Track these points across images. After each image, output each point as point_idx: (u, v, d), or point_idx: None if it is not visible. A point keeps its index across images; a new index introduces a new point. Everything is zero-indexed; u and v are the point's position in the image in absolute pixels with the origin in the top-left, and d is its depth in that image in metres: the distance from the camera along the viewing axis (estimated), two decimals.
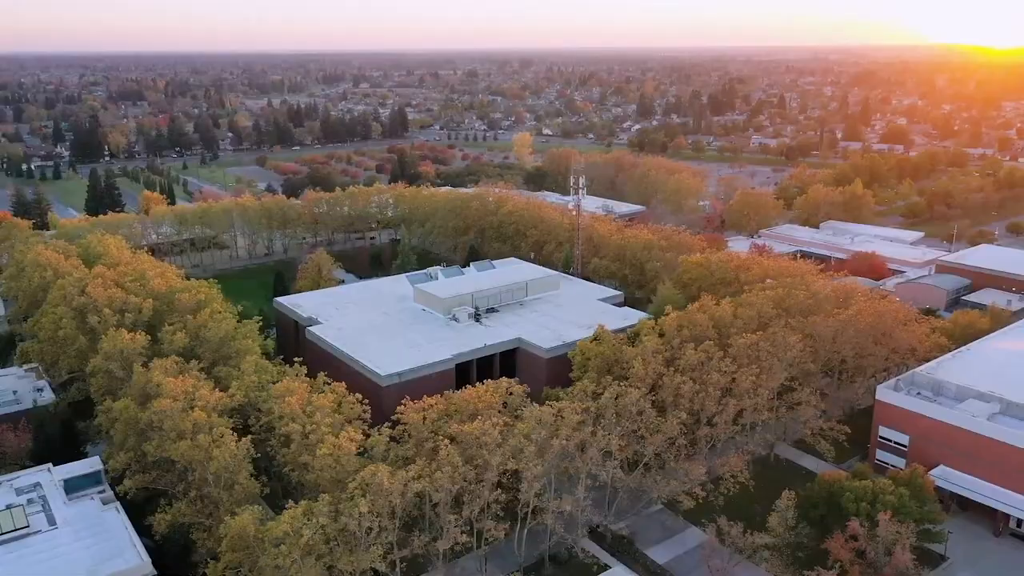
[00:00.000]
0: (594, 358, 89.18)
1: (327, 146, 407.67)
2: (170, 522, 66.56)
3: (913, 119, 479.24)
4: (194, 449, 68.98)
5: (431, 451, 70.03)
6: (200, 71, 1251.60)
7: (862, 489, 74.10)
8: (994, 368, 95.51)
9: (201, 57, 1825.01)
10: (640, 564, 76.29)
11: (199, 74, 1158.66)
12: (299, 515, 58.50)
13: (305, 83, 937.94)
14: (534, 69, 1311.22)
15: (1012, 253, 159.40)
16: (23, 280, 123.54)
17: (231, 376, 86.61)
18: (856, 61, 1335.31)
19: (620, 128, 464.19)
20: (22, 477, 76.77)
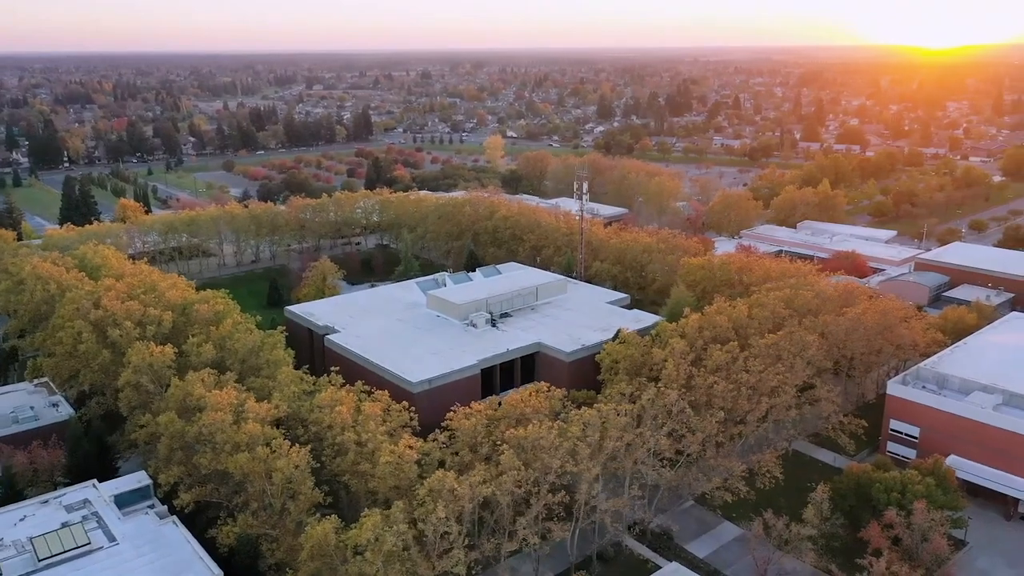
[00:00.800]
0: (622, 360, 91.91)
1: (292, 150, 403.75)
2: (238, 534, 67.01)
3: (864, 119, 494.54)
4: (253, 461, 69.64)
5: (485, 456, 71.98)
6: (145, 72, 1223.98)
7: (891, 480, 78.35)
8: (992, 361, 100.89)
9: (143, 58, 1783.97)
10: (682, 559, 79.14)
11: (144, 76, 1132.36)
12: (379, 522, 59.79)
13: (257, 85, 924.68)
14: (486, 70, 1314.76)
15: (984, 250, 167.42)
16: (23, 294, 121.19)
17: (264, 387, 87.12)
18: (801, 62, 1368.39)
19: (583, 130, 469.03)
20: (68, 494, 76.21)
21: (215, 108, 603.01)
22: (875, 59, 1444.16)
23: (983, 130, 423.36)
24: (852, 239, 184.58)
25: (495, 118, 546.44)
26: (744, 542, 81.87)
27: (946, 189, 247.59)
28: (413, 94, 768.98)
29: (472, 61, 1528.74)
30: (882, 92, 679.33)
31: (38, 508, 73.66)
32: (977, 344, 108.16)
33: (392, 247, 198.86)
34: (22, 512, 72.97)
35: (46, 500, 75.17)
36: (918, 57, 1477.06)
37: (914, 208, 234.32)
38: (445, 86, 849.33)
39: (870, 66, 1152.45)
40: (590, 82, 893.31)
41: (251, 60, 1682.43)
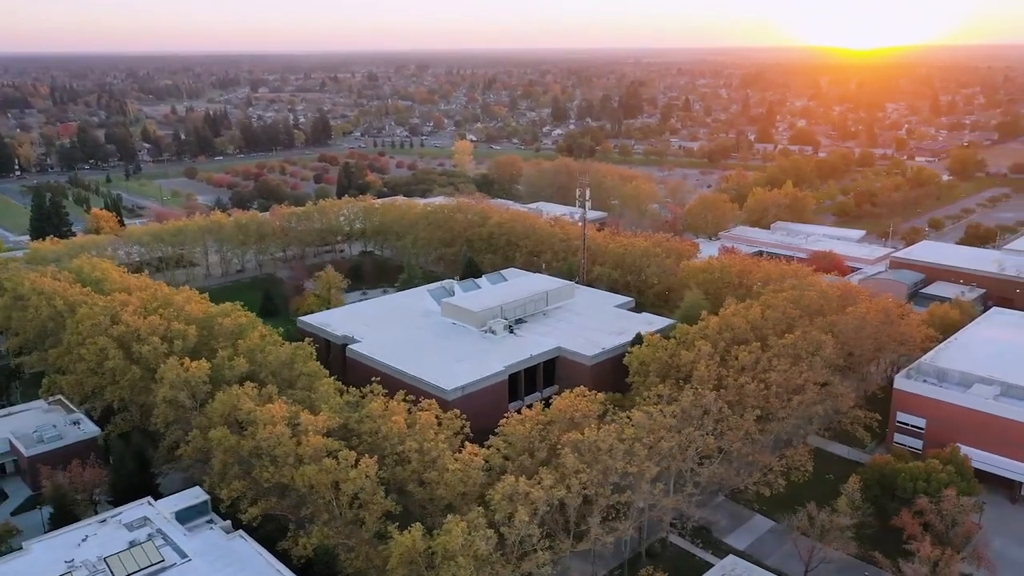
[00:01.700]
0: (652, 363, 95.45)
1: (251, 155, 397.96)
2: (315, 545, 68.16)
3: (811, 121, 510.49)
4: (320, 473, 70.85)
5: (542, 460, 74.56)
6: (79, 75, 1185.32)
7: (916, 470, 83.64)
8: (985, 354, 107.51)
9: (72, 59, 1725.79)
10: (722, 551, 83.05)
11: (79, 79, 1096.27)
12: (465, 528, 61.84)
13: (199, 88, 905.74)
14: (432, 72, 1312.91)
15: (952, 248, 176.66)
16: (27, 311, 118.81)
17: (305, 399, 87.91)
18: (740, 63, 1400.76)
19: (541, 133, 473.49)
20: (125, 512, 76.13)
21: (162, 112, 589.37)
22: (807, 60, 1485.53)
23: (924, 131, 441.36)
24: (825, 239, 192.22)
25: (451, 121, 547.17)
26: (777, 533, 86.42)
27: (902, 189, 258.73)
28: (364, 97, 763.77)
29: (415, 62, 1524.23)
30: (823, 93, 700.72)
31: (98, 528, 73.55)
32: (967, 339, 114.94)
33: (378, 254, 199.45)
34: (83, 532, 72.79)
35: (103, 519, 75.07)
36: (845, 58, 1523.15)
37: (875, 208, 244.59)
38: (394, 88, 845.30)
39: (804, 67, 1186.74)
40: (539, 84, 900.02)
41: (188, 61, 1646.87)
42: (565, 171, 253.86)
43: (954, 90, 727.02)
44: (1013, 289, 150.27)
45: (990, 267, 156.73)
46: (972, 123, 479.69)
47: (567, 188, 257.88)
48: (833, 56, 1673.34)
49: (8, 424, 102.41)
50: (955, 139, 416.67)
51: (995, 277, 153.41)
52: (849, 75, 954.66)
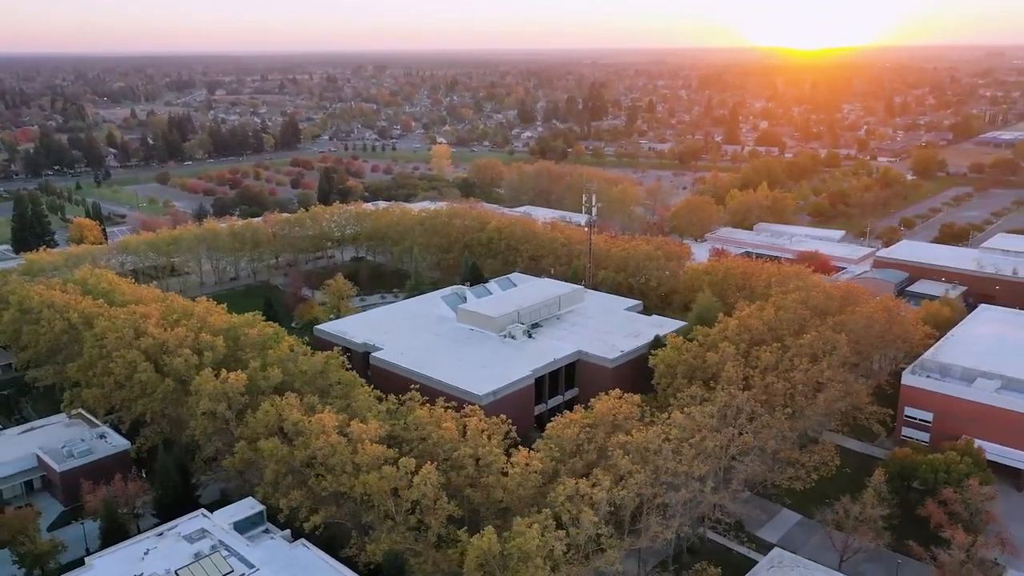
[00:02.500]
0: (679, 365, 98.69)
1: (220, 160, 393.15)
2: (385, 551, 69.65)
3: (773, 122, 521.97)
4: (381, 480, 72.41)
5: (590, 462, 77.10)
6: (27, 78, 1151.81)
7: (937, 461, 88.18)
8: (982, 350, 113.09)
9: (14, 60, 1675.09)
10: (756, 544, 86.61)
11: (27, 81, 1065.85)
12: (539, 530, 64.03)
13: (156, 90, 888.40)
14: (390, 73, 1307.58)
15: (931, 247, 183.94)
16: (39, 324, 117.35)
17: (343, 409, 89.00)
18: (695, 64, 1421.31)
19: (511, 135, 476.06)
20: (181, 525, 76.74)
21: (121, 116, 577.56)
22: (758, 61, 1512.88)
23: (883, 131, 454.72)
24: (808, 239, 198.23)
25: (419, 124, 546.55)
26: (805, 526, 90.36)
27: (872, 190, 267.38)
28: (325, 99, 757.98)
29: (370, 63, 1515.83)
30: (780, 94, 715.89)
31: (157, 541, 74.12)
32: (962, 335, 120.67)
33: (370, 259, 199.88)
34: (143, 546, 73.31)
35: (160, 532, 75.66)
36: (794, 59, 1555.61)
37: (848, 208, 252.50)
38: (355, 90, 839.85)
39: (757, 68, 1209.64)
40: (500, 86, 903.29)
41: (138, 63, 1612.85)
42: (547, 174, 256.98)
43: (904, 91, 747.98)
44: (992, 286, 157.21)
45: (970, 265, 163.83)
46: (927, 124, 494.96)
47: (549, 191, 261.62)
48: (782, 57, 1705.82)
49: (32, 440, 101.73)
50: (912, 139, 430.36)
51: (975, 275, 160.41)
52: (801, 76, 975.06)
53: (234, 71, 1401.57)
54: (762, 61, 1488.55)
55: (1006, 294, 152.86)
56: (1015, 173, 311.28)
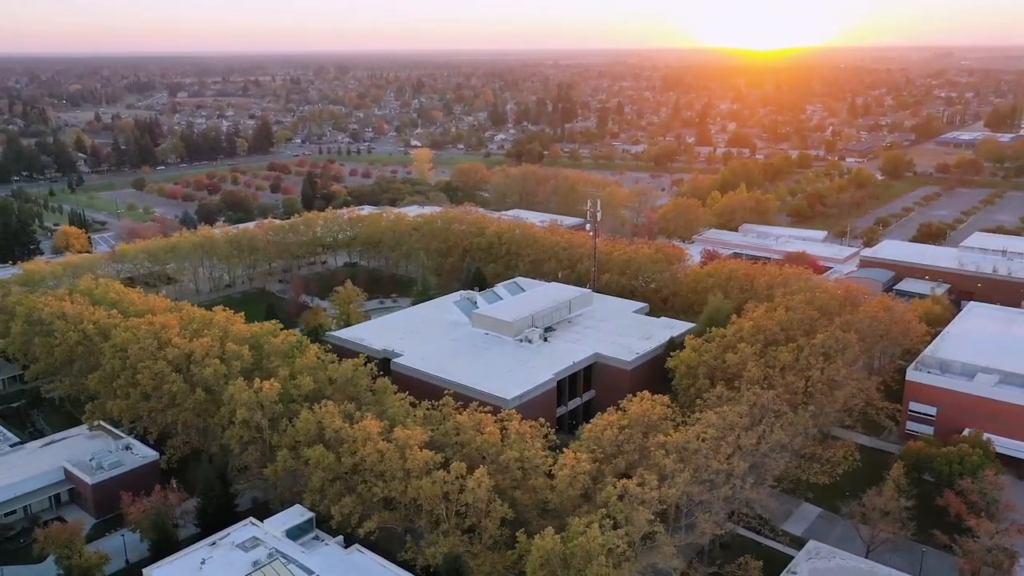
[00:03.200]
0: (700, 366, 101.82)
1: (193, 164, 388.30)
2: (445, 554, 71.35)
3: (740, 123, 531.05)
4: (434, 485, 74.17)
5: (631, 463, 79.68)
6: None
7: (951, 454, 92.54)
8: (978, 346, 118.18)
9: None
10: (784, 537, 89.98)
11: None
12: (598, 529, 66.34)
13: (116, 93, 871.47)
14: (353, 75, 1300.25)
15: (914, 246, 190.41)
16: (51, 336, 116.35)
17: (378, 415, 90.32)
18: (655, 65, 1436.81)
19: (486, 138, 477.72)
20: (233, 534, 77.57)
21: (85, 120, 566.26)
22: (713, 62, 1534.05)
23: (849, 132, 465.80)
24: (793, 240, 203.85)
25: (391, 127, 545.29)
26: (827, 518, 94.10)
27: (847, 190, 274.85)
28: (292, 101, 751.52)
29: (326, 64, 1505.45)
30: (744, 96, 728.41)
31: (211, 550, 74.90)
32: (957, 332, 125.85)
33: (363, 265, 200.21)
34: (197, 556, 74.06)
35: (214, 542, 76.46)
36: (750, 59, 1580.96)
37: (825, 208, 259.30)
38: (321, 93, 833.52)
39: (716, 69, 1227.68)
40: (466, 87, 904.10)
41: (92, 64, 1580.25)
42: (532, 178, 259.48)
43: (863, 92, 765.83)
44: (974, 283, 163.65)
45: (952, 264, 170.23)
46: (889, 124, 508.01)
47: (534, 194, 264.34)
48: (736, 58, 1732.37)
49: (55, 453, 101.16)
50: (876, 140, 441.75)
51: (957, 273, 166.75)
52: (761, 77, 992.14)
53: (193, 72, 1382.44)
54: (717, 62, 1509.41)
55: (987, 291, 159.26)
56: (979, 173, 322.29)
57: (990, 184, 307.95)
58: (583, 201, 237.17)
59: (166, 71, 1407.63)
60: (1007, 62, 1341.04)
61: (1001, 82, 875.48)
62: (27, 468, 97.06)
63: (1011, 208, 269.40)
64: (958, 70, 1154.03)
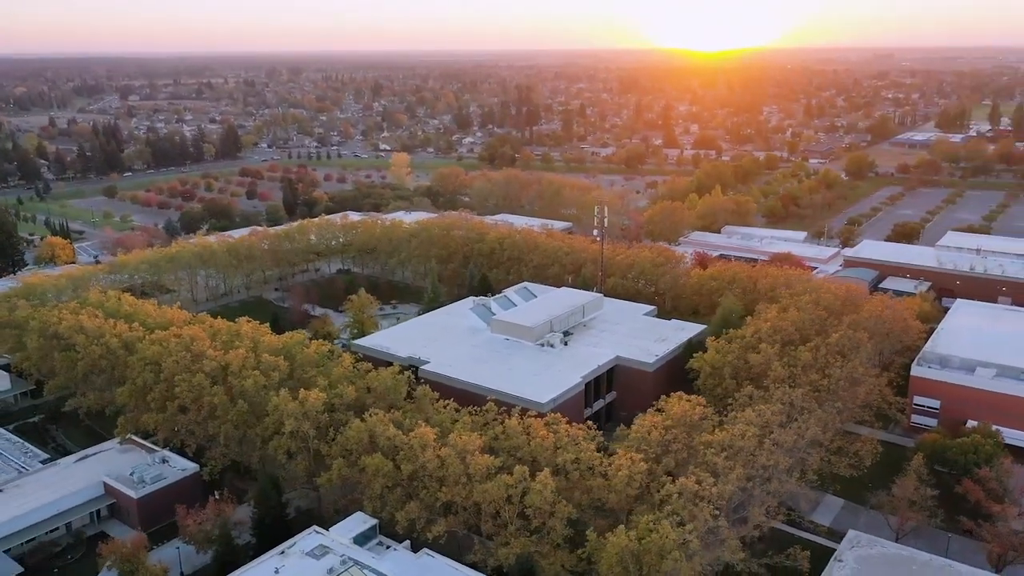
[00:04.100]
0: (725, 367, 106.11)
1: (162, 171, 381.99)
2: (518, 554, 74.02)
3: (702, 125, 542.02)
4: (499, 489, 76.84)
5: (680, 461, 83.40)
6: None
7: (965, 444, 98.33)
8: (972, 341, 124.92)
9: None
10: (813, 528, 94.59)
11: None
12: (668, 526, 69.79)
13: (65, 96, 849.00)
14: (307, 77, 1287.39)
15: (894, 246, 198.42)
16: (73, 351, 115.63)
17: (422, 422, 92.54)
18: (608, 67, 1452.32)
19: (455, 141, 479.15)
20: (299, 542, 78.99)
21: (39, 125, 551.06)
22: (663, 62, 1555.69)
23: (808, 134, 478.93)
24: (776, 241, 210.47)
25: (358, 130, 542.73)
26: (850, 509, 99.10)
27: (818, 191, 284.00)
28: (250, 105, 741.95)
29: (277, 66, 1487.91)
30: (701, 97, 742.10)
31: (282, 559, 76.31)
32: (950, 328, 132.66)
33: (356, 271, 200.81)
34: (270, 565, 75.41)
35: (282, 551, 77.82)
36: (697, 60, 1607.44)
37: (799, 209, 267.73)
38: (279, 96, 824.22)
39: (666, 70, 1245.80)
40: (426, 90, 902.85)
41: (34, 66, 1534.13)
42: (515, 182, 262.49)
43: (813, 93, 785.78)
44: (953, 281, 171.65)
45: (932, 262, 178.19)
46: (845, 126, 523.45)
47: (516, 199, 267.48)
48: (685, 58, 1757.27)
49: (90, 468, 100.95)
50: (834, 141, 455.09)
51: (938, 271, 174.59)
52: (713, 78, 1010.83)
53: (139, 74, 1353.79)
54: (667, 63, 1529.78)
55: (965, 288, 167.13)
56: (938, 173, 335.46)
57: (949, 184, 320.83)
58: (567, 205, 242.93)
59: (112, 73, 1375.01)
60: (945, 63, 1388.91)
61: (943, 83, 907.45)
62: (65, 484, 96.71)
63: (971, 207, 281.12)
64: (900, 71, 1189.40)
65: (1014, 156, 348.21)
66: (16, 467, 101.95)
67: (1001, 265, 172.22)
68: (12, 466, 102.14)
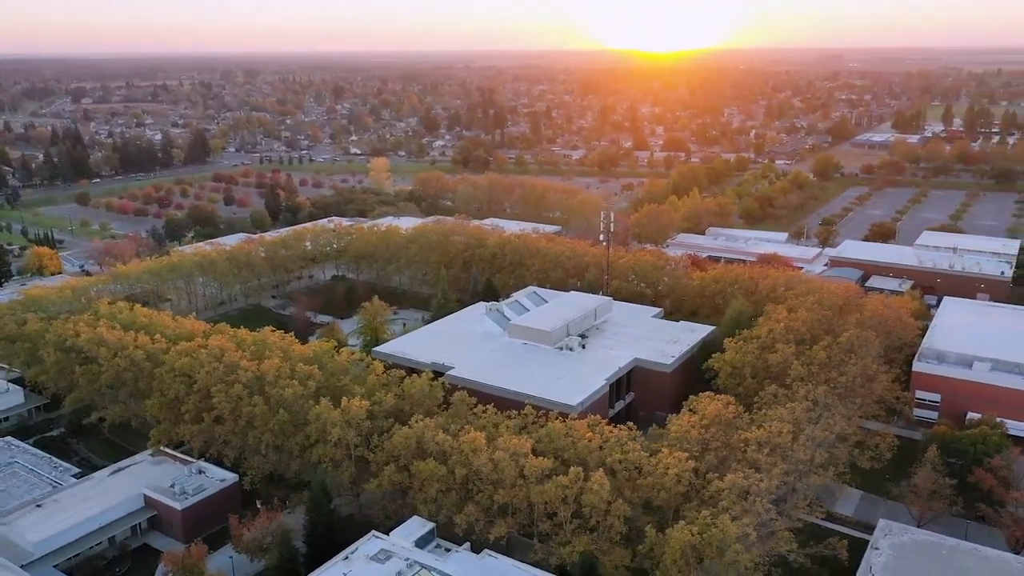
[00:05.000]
0: (746, 366, 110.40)
1: (131, 177, 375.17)
2: (581, 552, 76.91)
3: (668, 127, 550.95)
4: (556, 489, 79.75)
5: (722, 459, 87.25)
6: None
7: (974, 436, 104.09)
8: (965, 336, 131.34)
9: None
10: (839, 519, 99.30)
11: None
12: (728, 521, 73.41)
13: (15, 99, 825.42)
14: (263, 79, 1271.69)
15: (875, 246, 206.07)
16: (95, 364, 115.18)
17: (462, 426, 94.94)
18: (567, 68, 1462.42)
19: (425, 144, 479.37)
20: (361, 548, 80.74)
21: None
22: (618, 64, 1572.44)
23: (772, 135, 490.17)
24: (760, 242, 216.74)
25: (326, 134, 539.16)
26: (869, 500, 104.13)
27: (792, 192, 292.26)
28: (210, 108, 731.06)
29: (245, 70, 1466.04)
30: (662, 99, 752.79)
31: (347, 565, 78.15)
32: (942, 325, 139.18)
33: (351, 277, 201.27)
34: (337, 570, 77.28)
35: (346, 556, 79.61)
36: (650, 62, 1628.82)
37: (775, 210, 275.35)
38: (236, 98, 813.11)
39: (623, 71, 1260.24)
40: (387, 92, 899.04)
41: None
42: (499, 186, 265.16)
43: (770, 94, 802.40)
44: (934, 279, 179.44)
45: (913, 261, 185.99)
46: (806, 127, 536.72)
47: (499, 203, 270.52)
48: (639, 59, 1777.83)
49: (126, 480, 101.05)
50: (797, 142, 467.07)
51: (919, 270, 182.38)
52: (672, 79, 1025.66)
53: (90, 76, 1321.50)
54: (621, 64, 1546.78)
55: (945, 286, 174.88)
56: (901, 173, 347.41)
57: (913, 184, 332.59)
58: (551, 209, 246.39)
59: (60, 75, 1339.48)
60: (891, 64, 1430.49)
61: (893, 84, 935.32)
62: (104, 498, 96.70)
63: (935, 207, 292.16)
64: (850, 72, 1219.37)
65: (971, 157, 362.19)
66: (49, 481, 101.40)
67: (979, 263, 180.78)
68: (45, 480, 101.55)
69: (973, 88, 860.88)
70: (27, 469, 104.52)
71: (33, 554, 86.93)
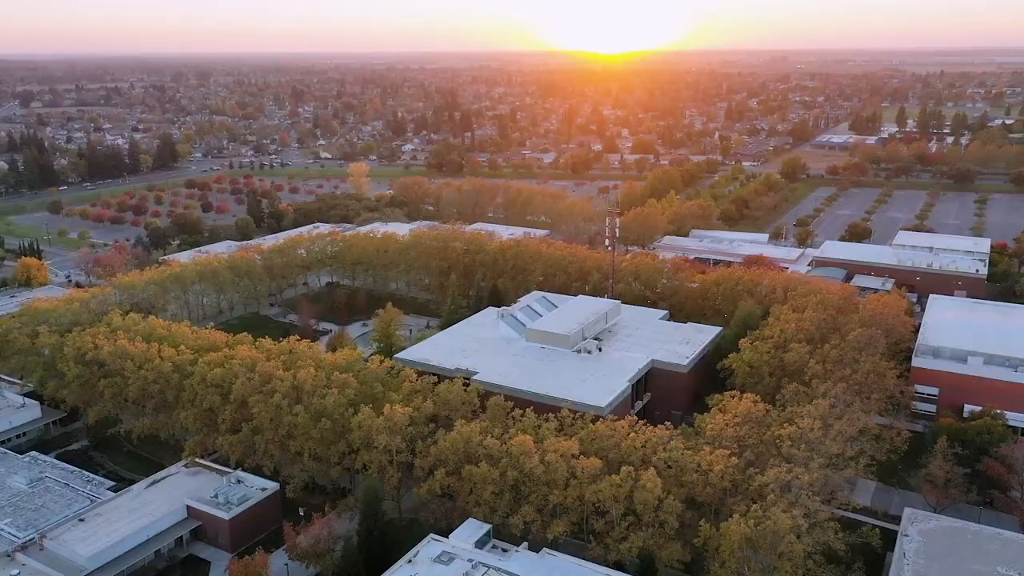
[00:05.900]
0: (764, 366, 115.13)
1: (99, 184, 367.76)
2: (640, 547, 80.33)
3: (632, 130, 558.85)
4: (611, 489, 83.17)
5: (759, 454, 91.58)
6: None
7: (980, 426, 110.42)
8: (957, 332, 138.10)
9: None
10: (858, 509, 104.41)
11: None
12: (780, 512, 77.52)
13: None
14: (216, 81, 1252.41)
15: (856, 246, 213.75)
16: (120, 377, 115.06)
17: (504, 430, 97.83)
18: (522, 70, 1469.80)
19: (396, 148, 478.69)
20: (422, 551, 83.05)
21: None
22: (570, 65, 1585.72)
23: (736, 138, 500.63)
24: (743, 243, 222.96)
25: (293, 138, 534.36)
26: (883, 490, 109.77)
27: (765, 193, 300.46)
28: (167, 111, 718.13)
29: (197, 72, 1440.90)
30: (623, 102, 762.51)
31: (413, 568, 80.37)
32: (932, 322, 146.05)
33: (346, 284, 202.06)
34: (404, 573, 79.18)
35: (409, 559, 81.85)
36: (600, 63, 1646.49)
37: (751, 211, 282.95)
38: (195, 101, 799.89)
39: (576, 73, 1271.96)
40: (347, 95, 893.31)
41: None
42: (485, 191, 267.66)
43: (726, 96, 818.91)
44: (914, 277, 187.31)
45: (892, 260, 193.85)
46: (768, 129, 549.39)
47: (484, 207, 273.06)
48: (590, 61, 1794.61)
49: (166, 492, 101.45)
50: (760, 144, 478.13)
51: (899, 268, 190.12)
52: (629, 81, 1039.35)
53: (33, 79, 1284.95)
54: (573, 66, 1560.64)
55: (925, 284, 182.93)
56: (864, 174, 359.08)
57: (876, 184, 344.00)
58: (536, 213, 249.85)
59: (2, 77, 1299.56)
60: (837, 66, 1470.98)
61: (843, 86, 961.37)
62: (147, 510, 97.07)
63: (900, 206, 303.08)
64: (800, 74, 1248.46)
65: (929, 158, 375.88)
66: (86, 495, 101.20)
67: (955, 262, 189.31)
68: (82, 495, 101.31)
69: (919, 90, 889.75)
70: (60, 484, 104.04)
71: (86, 568, 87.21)
